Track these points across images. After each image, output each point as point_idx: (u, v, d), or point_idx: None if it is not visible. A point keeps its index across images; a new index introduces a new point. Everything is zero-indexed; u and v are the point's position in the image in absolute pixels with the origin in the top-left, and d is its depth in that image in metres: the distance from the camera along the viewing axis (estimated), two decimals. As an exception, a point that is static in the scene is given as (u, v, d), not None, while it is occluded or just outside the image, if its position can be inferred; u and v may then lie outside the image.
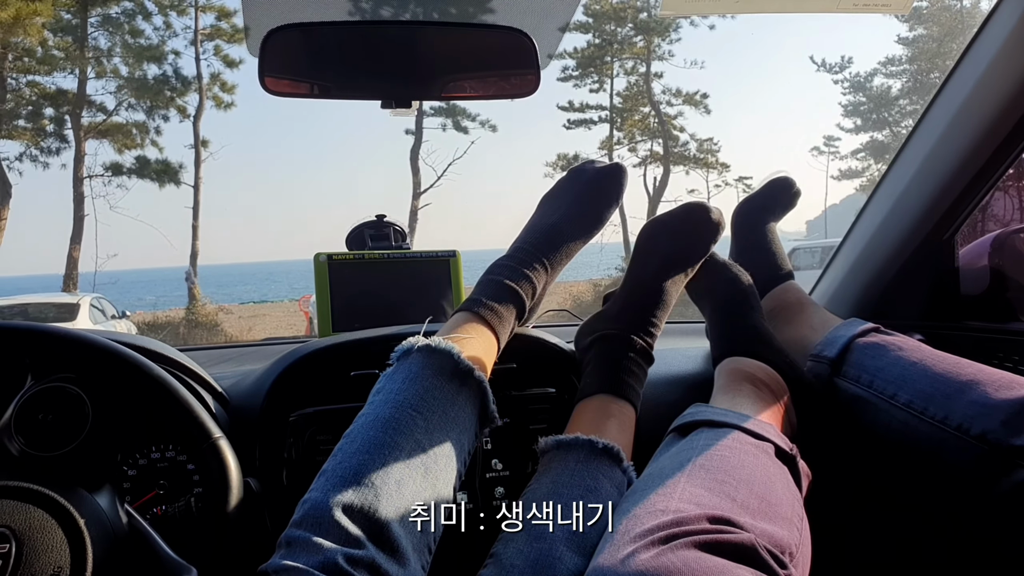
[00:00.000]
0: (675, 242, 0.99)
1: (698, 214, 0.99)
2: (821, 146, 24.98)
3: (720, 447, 0.76)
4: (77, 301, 9.95)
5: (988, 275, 1.16)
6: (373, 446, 0.69)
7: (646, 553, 0.59)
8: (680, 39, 19.74)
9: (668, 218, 1.01)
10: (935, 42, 20.39)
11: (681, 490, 0.68)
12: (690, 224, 0.99)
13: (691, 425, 0.83)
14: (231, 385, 1.01)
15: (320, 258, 1.26)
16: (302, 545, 0.62)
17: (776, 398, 0.91)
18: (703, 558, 0.58)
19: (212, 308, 16.20)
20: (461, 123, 18.61)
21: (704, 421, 0.83)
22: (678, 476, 0.71)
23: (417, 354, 0.79)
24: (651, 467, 0.79)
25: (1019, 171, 1.36)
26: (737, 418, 0.82)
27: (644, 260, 0.99)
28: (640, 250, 1.00)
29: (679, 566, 0.56)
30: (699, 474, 0.71)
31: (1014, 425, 0.73)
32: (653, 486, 0.71)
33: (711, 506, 0.65)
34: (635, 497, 0.71)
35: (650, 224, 1.02)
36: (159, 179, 15.83)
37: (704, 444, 0.77)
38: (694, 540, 0.60)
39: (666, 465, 0.75)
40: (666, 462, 0.77)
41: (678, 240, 0.99)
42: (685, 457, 0.75)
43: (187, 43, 16.28)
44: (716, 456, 0.74)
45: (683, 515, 0.63)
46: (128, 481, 0.89)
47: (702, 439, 0.79)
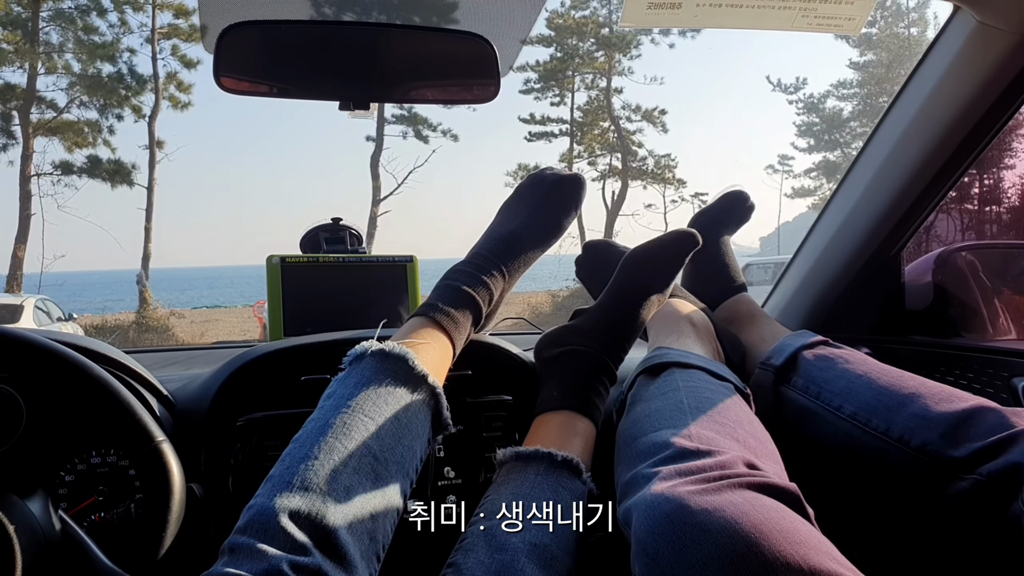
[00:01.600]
0: (660, 273, 0.99)
1: (687, 246, 0.99)
2: (776, 164, 25.47)
3: (700, 388, 0.83)
4: (20, 302, 9.65)
5: (932, 291, 1.19)
6: (322, 451, 0.68)
7: (708, 489, 0.61)
8: (640, 55, 20.02)
9: (658, 248, 1.00)
10: (884, 67, 21.07)
11: (696, 431, 0.72)
12: (679, 257, 0.99)
13: (661, 366, 0.89)
14: (177, 388, 0.98)
15: (273, 260, 1.24)
16: (246, 552, 0.60)
17: (711, 337, 1.01)
18: (760, 498, 0.60)
19: (164, 312, 15.85)
20: (422, 132, 18.60)
21: (673, 362, 0.88)
22: (681, 416, 0.76)
23: (370, 359, 0.78)
24: (642, 406, 0.82)
25: (960, 193, 1.41)
26: (699, 360, 0.90)
27: (628, 286, 0.97)
28: (626, 275, 0.98)
29: (744, 504, 0.58)
30: (699, 416, 0.76)
31: (952, 437, 0.75)
32: (660, 424, 0.76)
33: (733, 448, 0.69)
34: (640, 431, 0.77)
35: (640, 251, 1.00)
36: (111, 179, 15.47)
37: (684, 385, 0.83)
38: (746, 481, 0.62)
39: (660, 405, 0.80)
40: (658, 402, 0.81)
41: (663, 271, 0.99)
42: (675, 398, 0.80)
43: (143, 41, 15.95)
44: (703, 398, 0.80)
45: (724, 458, 0.66)
46: (65, 487, 0.86)
47: (677, 379, 0.85)
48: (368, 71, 1.04)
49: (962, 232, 1.45)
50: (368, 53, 1.03)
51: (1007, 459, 0.70)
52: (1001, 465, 0.70)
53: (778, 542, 0.54)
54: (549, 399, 0.89)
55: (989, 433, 0.73)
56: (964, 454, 0.74)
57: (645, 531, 0.60)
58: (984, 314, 1.19)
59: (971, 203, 1.56)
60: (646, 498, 0.63)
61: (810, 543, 0.55)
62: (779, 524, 0.56)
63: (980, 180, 1.56)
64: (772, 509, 0.58)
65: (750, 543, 0.54)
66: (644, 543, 0.60)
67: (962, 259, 1.22)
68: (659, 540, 0.59)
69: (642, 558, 0.60)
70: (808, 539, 0.55)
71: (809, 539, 0.55)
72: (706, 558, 0.55)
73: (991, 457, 0.72)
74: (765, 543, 0.54)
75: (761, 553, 0.53)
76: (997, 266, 1.25)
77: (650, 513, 0.61)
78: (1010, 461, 0.70)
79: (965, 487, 0.73)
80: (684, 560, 0.56)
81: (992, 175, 1.55)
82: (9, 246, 14.42)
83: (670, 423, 0.76)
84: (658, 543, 0.59)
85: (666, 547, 0.58)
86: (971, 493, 0.72)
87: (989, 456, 0.72)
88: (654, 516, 0.60)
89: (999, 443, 0.72)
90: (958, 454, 0.74)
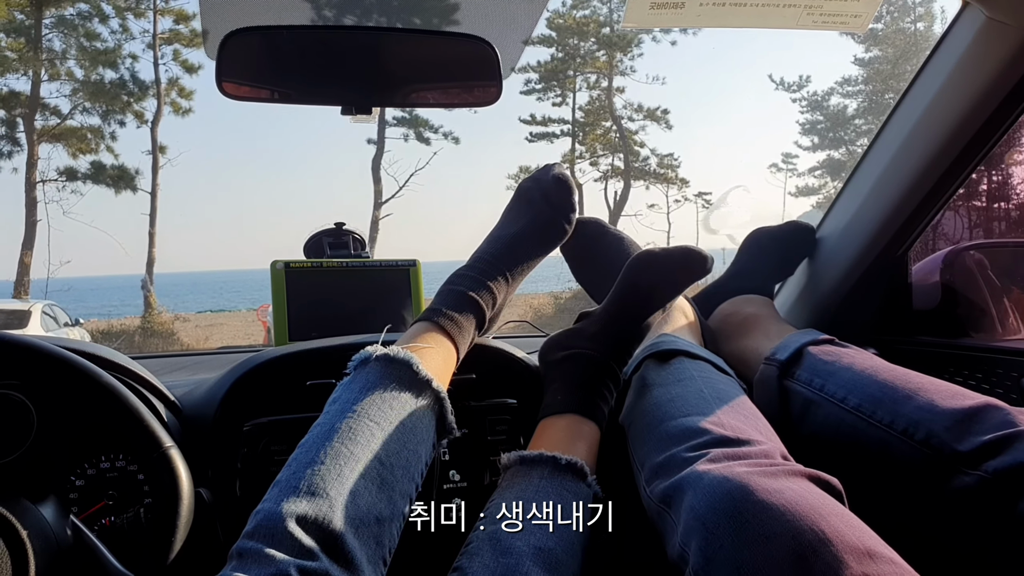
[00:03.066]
0: (666, 280, 0.96)
1: (695, 262, 0.96)
2: (779, 163, 25.46)
3: (714, 380, 0.87)
4: (28, 308, 9.67)
5: (940, 291, 1.19)
6: (328, 456, 0.68)
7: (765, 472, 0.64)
8: (642, 55, 20.08)
9: (665, 257, 0.97)
10: (890, 64, 21.02)
11: (727, 421, 0.76)
12: (685, 270, 0.96)
13: (670, 353, 0.92)
14: (184, 394, 0.98)
15: (277, 265, 1.24)
16: (254, 556, 0.60)
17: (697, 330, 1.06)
18: (812, 486, 0.64)
19: (168, 317, 15.89)
20: (423, 134, 18.65)
21: (682, 351, 0.92)
22: (706, 404, 0.80)
23: (375, 363, 0.78)
24: (660, 390, 0.85)
25: (968, 191, 1.40)
26: (704, 352, 0.93)
27: (633, 289, 0.95)
28: (632, 278, 0.96)
29: (800, 490, 0.62)
30: (723, 406, 0.79)
31: (957, 432, 0.75)
32: (686, 410, 0.79)
33: (764, 440, 0.73)
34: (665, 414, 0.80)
35: (647, 256, 0.97)
36: (115, 185, 15.54)
37: (698, 375, 0.87)
38: (797, 470, 0.66)
39: (681, 391, 0.83)
40: (677, 388, 0.84)
41: (671, 281, 0.97)
42: (694, 386, 0.84)
43: (144, 47, 16.01)
44: (720, 390, 0.84)
45: (765, 447, 0.71)
46: (75, 491, 0.86)
47: (690, 368, 0.89)
48: (370, 75, 1.04)
49: (970, 231, 1.44)
50: (370, 57, 1.04)
51: (1014, 457, 0.70)
52: (1008, 463, 0.70)
53: (837, 524, 0.57)
54: (553, 403, 0.89)
55: (994, 430, 0.73)
56: (968, 448, 0.73)
57: (705, 507, 0.63)
58: (993, 314, 1.18)
59: (979, 201, 1.55)
60: (703, 477, 0.66)
61: (863, 528, 0.59)
62: (834, 509, 0.60)
63: (988, 177, 1.55)
64: (825, 496, 0.63)
65: (811, 522, 0.57)
66: (704, 518, 0.63)
67: (970, 258, 1.21)
68: (720, 516, 0.61)
69: (700, 532, 0.62)
70: (860, 525, 0.59)
71: (861, 525, 0.59)
72: (769, 533, 0.58)
73: (995, 453, 0.72)
74: (825, 523, 0.57)
75: (822, 530, 0.56)
76: (1006, 265, 1.24)
77: (711, 491, 0.64)
78: (1017, 460, 0.70)
79: (969, 483, 0.73)
80: (746, 534, 0.59)
81: (1001, 172, 1.54)
82: (16, 252, 14.50)
83: (697, 410, 0.79)
84: (719, 518, 0.61)
85: (727, 522, 0.60)
86: (976, 489, 0.72)
87: (993, 452, 0.72)
88: (715, 494, 0.63)
89: (1004, 439, 0.72)
90: (962, 448, 0.74)
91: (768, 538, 0.58)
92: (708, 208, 22.43)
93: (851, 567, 0.54)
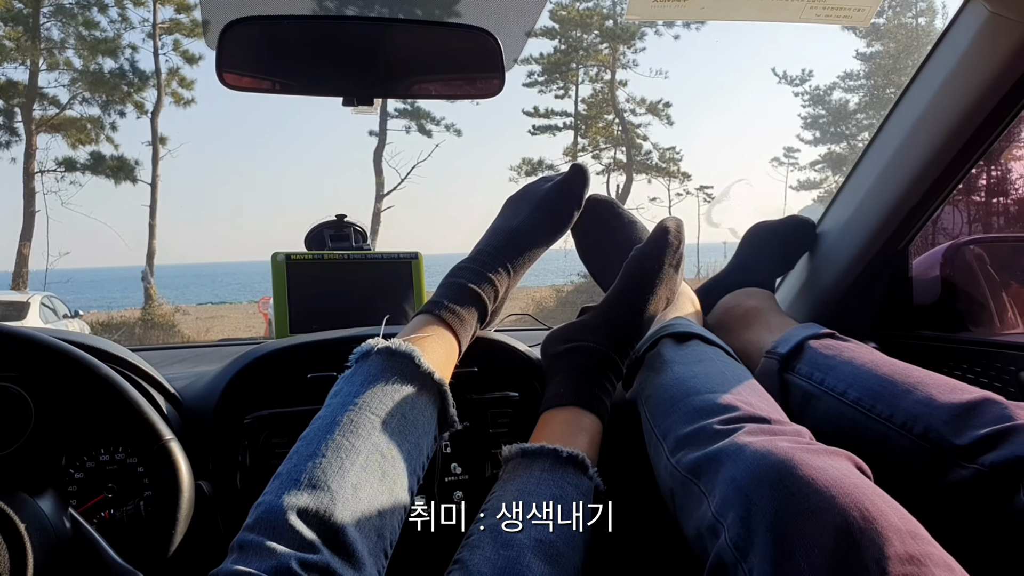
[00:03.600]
0: (672, 273, 0.97)
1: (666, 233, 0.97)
2: (781, 157, 25.44)
3: (731, 364, 0.89)
4: (27, 299, 9.67)
5: (940, 285, 1.19)
6: (329, 449, 0.68)
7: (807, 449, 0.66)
8: (645, 48, 20.01)
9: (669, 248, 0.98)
10: (891, 58, 20.97)
11: (755, 401, 0.78)
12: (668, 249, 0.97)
13: (688, 335, 0.94)
14: (184, 386, 0.98)
15: (278, 258, 1.24)
16: (255, 549, 0.60)
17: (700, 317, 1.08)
18: (852, 468, 0.65)
19: (169, 309, 15.90)
20: (425, 126, 18.61)
21: (698, 335, 0.94)
22: (730, 384, 0.81)
23: (376, 356, 0.78)
24: (682, 368, 0.87)
25: (968, 186, 1.40)
26: (718, 339, 0.95)
27: (636, 284, 0.95)
28: (633, 273, 0.96)
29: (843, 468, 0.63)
30: (745, 387, 0.82)
31: (955, 425, 0.76)
32: (712, 387, 0.81)
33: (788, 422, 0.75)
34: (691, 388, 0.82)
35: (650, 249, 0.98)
36: (114, 176, 15.51)
37: (716, 357, 0.89)
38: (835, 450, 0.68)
39: (704, 370, 0.85)
40: (699, 367, 0.86)
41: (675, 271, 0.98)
42: (715, 367, 0.87)
43: (144, 36, 15.97)
44: (738, 373, 0.86)
45: (797, 427, 0.73)
46: (74, 484, 0.86)
47: (707, 351, 0.91)
48: (371, 66, 1.03)
49: (970, 225, 1.44)
50: (371, 48, 1.03)
51: (1010, 451, 0.71)
52: (1004, 456, 0.71)
53: (880, 504, 0.58)
54: (555, 395, 0.89)
55: (991, 424, 0.74)
56: (966, 442, 0.74)
57: (747, 477, 0.64)
58: (992, 308, 1.18)
59: (979, 196, 1.55)
60: (744, 449, 0.67)
61: (903, 512, 0.59)
62: (876, 491, 0.61)
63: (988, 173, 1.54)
64: (863, 478, 0.63)
65: (856, 500, 0.58)
66: (745, 488, 0.63)
67: (970, 253, 1.21)
68: (764, 486, 0.62)
69: (742, 503, 0.62)
70: (900, 508, 0.60)
71: (901, 508, 0.60)
72: (814, 507, 0.58)
73: (992, 447, 0.72)
74: (869, 502, 0.58)
75: (867, 508, 0.57)
76: (1005, 259, 1.24)
77: (754, 461, 0.64)
78: (1013, 453, 0.70)
79: (966, 476, 0.73)
80: (791, 507, 0.59)
81: (1000, 167, 1.54)
82: (14, 243, 14.49)
83: (722, 388, 0.80)
84: (763, 489, 0.62)
85: (771, 493, 0.61)
86: (972, 483, 0.72)
87: (990, 446, 0.72)
88: (760, 464, 0.64)
89: (1000, 433, 0.72)
90: (960, 442, 0.74)
91: (813, 512, 0.58)
92: (710, 202, 22.42)
93: (896, 546, 0.54)
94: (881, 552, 0.54)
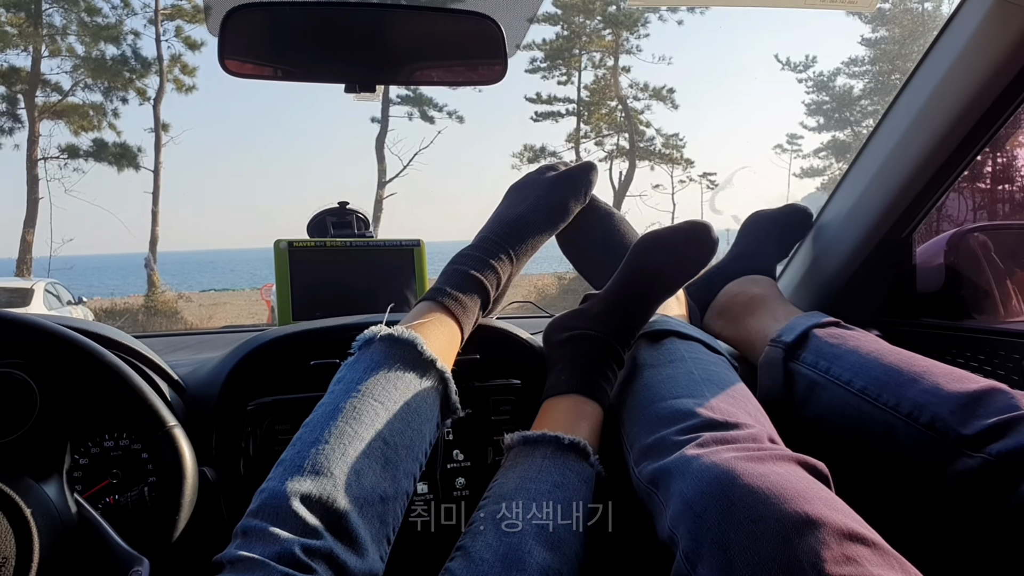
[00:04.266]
0: (675, 260, 0.95)
1: (701, 235, 0.94)
2: (784, 144, 25.37)
3: (704, 361, 0.88)
4: (31, 286, 9.69)
5: (943, 273, 1.18)
6: (332, 436, 0.68)
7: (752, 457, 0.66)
8: (648, 34, 19.79)
9: (671, 234, 0.96)
10: (896, 44, 20.83)
11: (717, 404, 0.78)
12: (692, 245, 0.94)
13: (662, 333, 0.94)
14: (188, 373, 0.99)
15: (280, 245, 1.24)
16: (258, 535, 0.61)
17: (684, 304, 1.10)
18: (798, 469, 0.66)
19: (172, 295, 15.94)
20: (428, 113, 18.56)
21: (673, 331, 0.94)
22: (696, 386, 0.81)
23: (379, 343, 0.78)
24: (651, 371, 0.87)
25: (973, 173, 1.39)
26: (695, 331, 0.96)
27: (639, 272, 0.94)
28: (637, 260, 0.95)
29: (786, 474, 0.63)
30: (712, 388, 0.81)
31: (962, 415, 0.76)
32: (676, 392, 0.81)
33: (752, 423, 0.75)
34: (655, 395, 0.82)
35: (653, 236, 0.96)
36: (117, 163, 15.51)
37: (688, 356, 0.89)
38: (783, 454, 0.68)
39: (672, 372, 0.85)
40: (668, 369, 0.86)
41: (678, 258, 0.95)
42: (684, 368, 0.85)
43: (146, 22, 15.91)
44: (710, 371, 0.86)
45: (753, 431, 0.73)
46: (79, 470, 0.87)
47: (681, 349, 0.90)
48: (374, 53, 1.03)
49: (974, 213, 1.43)
50: (374, 34, 1.02)
51: (1017, 440, 0.71)
52: (1011, 445, 0.71)
53: (820, 506, 0.59)
54: (557, 383, 0.89)
55: (998, 413, 0.74)
56: (972, 432, 0.74)
57: (694, 492, 0.65)
58: (996, 296, 1.18)
59: (984, 183, 1.54)
60: (690, 463, 0.68)
61: (846, 511, 0.60)
62: (819, 493, 0.61)
63: (993, 160, 1.54)
64: (809, 480, 0.64)
65: (796, 505, 0.59)
66: (692, 502, 0.64)
67: (974, 240, 1.21)
68: (708, 499, 0.63)
69: (688, 516, 0.64)
70: (844, 508, 0.61)
71: (845, 508, 0.61)
72: (754, 515, 0.59)
73: (998, 436, 0.72)
74: (809, 506, 0.58)
75: (806, 513, 0.58)
76: (1010, 247, 1.24)
77: (699, 476, 0.65)
78: (1020, 443, 0.70)
79: (972, 465, 0.73)
80: (733, 517, 0.60)
81: (1005, 154, 1.53)
82: (18, 230, 14.51)
83: (687, 392, 0.80)
84: (707, 502, 0.63)
85: (715, 505, 0.62)
86: (979, 472, 0.72)
87: (996, 435, 0.72)
88: (703, 478, 0.65)
89: (1007, 423, 0.72)
90: (966, 432, 0.74)
91: (754, 520, 0.59)
92: (713, 188, 22.37)
93: (833, 548, 0.55)
94: (818, 555, 0.55)
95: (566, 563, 0.70)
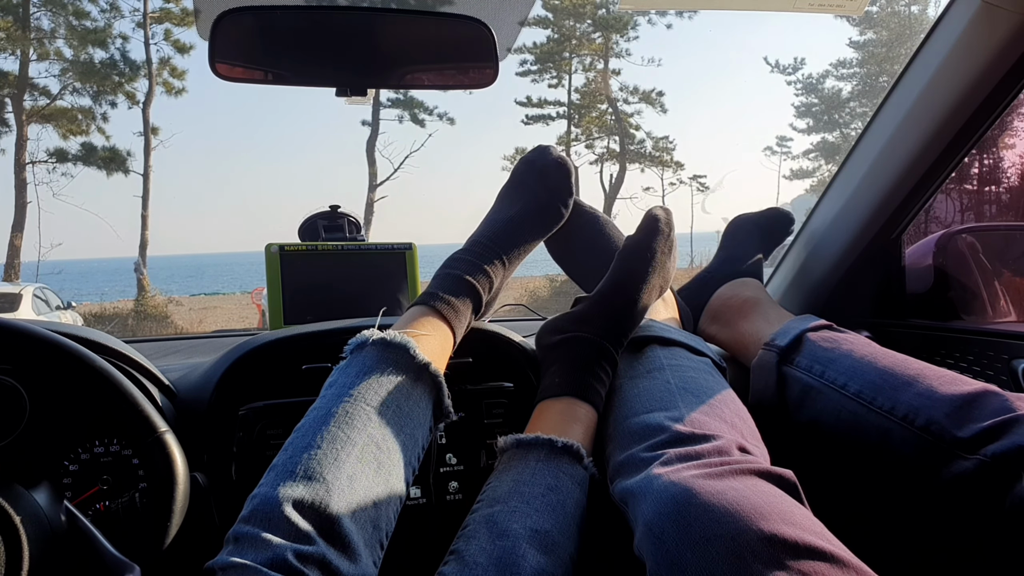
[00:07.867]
0: (665, 261, 0.96)
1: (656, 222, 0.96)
2: (774, 146, 25.51)
3: (684, 368, 0.88)
4: (19, 291, 9.62)
5: (932, 274, 1.19)
6: (325, 440, 0.68)
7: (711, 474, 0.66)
8: (638, 37, 19.93)
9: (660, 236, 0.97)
10: (884, 47, 20.98)
11: (688, 415, 0.77)
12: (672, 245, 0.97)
13: (643, 341, 0.93)
14: (179, 378, 0.98)
15: (272, 249, 1.23)
16: (250, 541, 0.60)
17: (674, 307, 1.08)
18: (759, 483, 0.65)
19: (162, 300, 15.85)
20: (418, 116, 18.53)
21: (654, 338, 0.94)
22: (671, 397, 0.81)
23: (371, 347, 0.78)
24: (629, 385, 0.86)
25: (961, 174, 1.40)
26: (678, 334, 0.95)
27: (630, 274, 0.94)
28: (625, 261, 0.95)
29: (744, 489, 0.63)
30: (688, 398, 0.81)
31: (956, 418, 0.76)
32: (650, 405, 0.80)
33: (725, 432, 0.75)
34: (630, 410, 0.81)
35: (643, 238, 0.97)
36: (106, 167, 15.42)
37: (668, 363, 0.88)
38: (745, 467, 0.67)
39: (648, 385, 0.85)
40: (645, 381, 0.86)
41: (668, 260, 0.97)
42: (662, 378, 0.85)
43: (135, 26, 15.85)
44: (688, 378, 0.85)
45: (720, 443, 0.72)
46: (69, 476, 0.86)
47: (661, 357, 0.90)
48: (365, 56, 1.03)
49: (962, 214, 1.45)
50: (365, 38, 1.02)
51: (1012, 441, 0.71)
52: (1006, 447, 0.71)
53: (775, 522, 0.58)
54: (550, 386, 0.89)
55: (993, 415, 0.74)
56: (968, 434, 0.74)
57: (652, 513, 0.64)
58: (984, 297, 1.19)
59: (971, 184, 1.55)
60: (652, 483, 0.67)
61: (804, 524, 0.59)
62: (777, 507, 0.60)
63: (980, 161, 1.55)
64: (770, 494, 0.63)
65: (750, 522, 0.58)
66: (651, 524, 0.64)
67: (963, 241, 1.22)
68: (665, 520, 0.63)
69: (649, 538, 0.64)
70: (803, 521, 0.60)
71: (804, 521, 0.60)
72: (709, 535, 0.59)
73: (994, 438, 0.72)
74: (764, 522, 0.58)
75: (760, 530, 0.57)
76: (998, 248, 1.25)
77: (657, 496, 0.65)
78: (1015, 443, 0.71)
79: (968, 468, 0.73)
80: (688, 537, 0.60)
81: (992, 156, 1.54)
82: (6, 235, 14.41)
83: (661, 405, 0.80)
84: (664, 523, 0.63)
85: (672, 526, 0.62)
86: (974, 474, 0.73)
87: (992, 437, 0.73)
88: (661, 499, 0.64)
89: (1002, 424, 0.73)
90: (962, 434, 0.75)
91: (708, 540, 0.59)
92: (703, 191, 22.45)
93: (788, 565, 0.55)
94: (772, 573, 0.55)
95: (560, 566, 0.69)
